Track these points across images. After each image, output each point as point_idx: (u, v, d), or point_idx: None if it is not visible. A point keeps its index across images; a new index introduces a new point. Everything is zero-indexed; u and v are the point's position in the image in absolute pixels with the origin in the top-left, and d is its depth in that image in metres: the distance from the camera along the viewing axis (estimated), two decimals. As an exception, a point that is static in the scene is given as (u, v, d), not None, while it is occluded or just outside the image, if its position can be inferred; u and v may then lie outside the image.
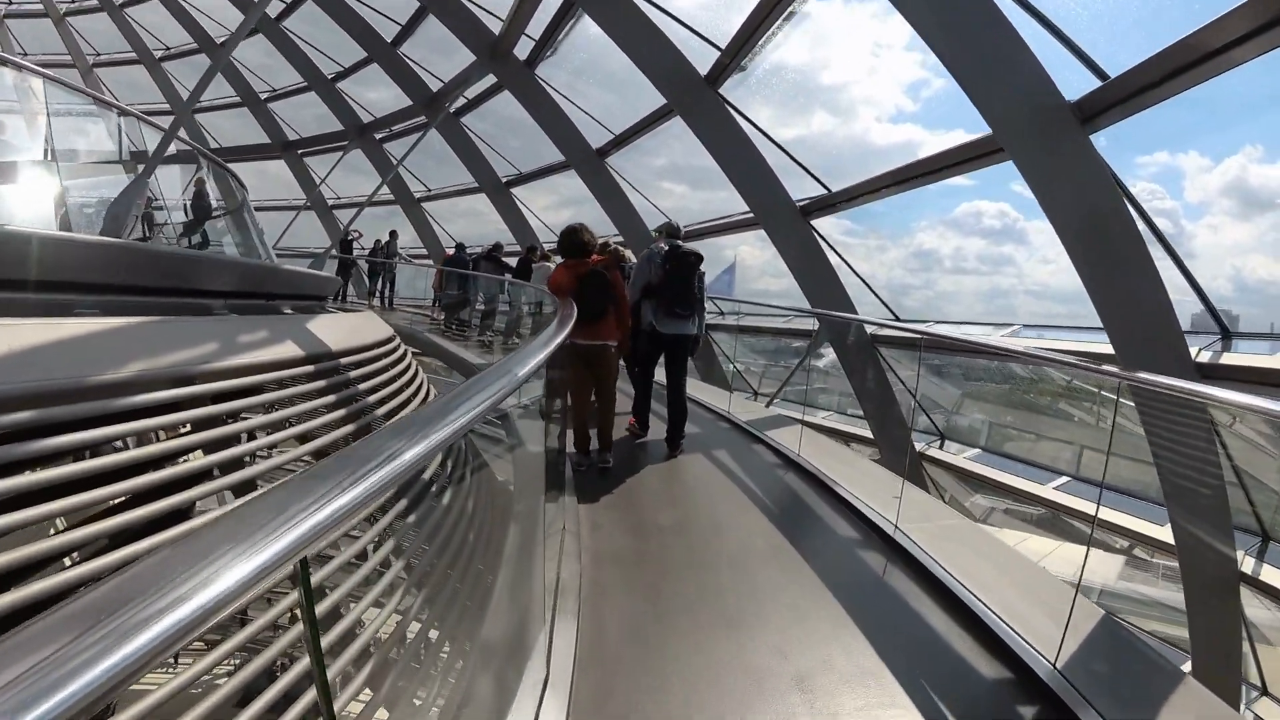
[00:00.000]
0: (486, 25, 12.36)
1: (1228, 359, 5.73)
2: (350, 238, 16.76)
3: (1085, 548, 9.43)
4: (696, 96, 9.68)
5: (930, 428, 10.89)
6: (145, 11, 19.80)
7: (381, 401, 4.53)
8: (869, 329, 8.82)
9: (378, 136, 18.12)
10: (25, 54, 22.82)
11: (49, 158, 5.80)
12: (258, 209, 21.68)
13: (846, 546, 4.03)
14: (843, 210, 8.90)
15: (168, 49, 20.35)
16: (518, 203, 16.27)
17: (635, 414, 5.88)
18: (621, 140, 12.49)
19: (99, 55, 22.52)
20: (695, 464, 5.37)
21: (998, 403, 11.57)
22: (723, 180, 9.87)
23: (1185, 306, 5.96)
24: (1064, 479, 9.68)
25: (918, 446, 10.44)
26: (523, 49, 12.34)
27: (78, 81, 20.75)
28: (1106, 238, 5.61)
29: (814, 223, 9.44)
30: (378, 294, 16.09)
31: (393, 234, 16.38)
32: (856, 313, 9.15)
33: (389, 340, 5.73)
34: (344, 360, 4.59)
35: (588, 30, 11.49)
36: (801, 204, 9.34)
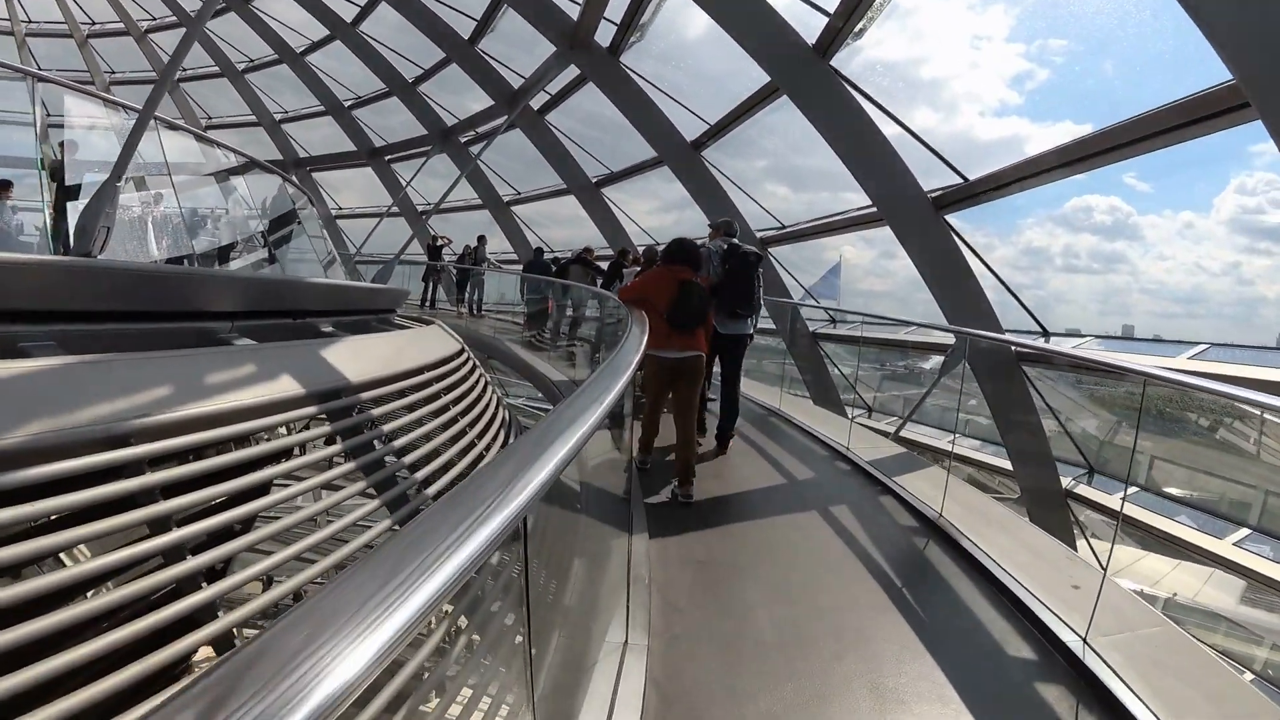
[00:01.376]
0: (564, 11, 11.50)
1: None
2: (439, 243, 16.39)
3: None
4: (805, 70, 8.38)
5: (1076, 458, 9.23)
6: (225, 25, 19.85)
7: (422, 441, 3.59)
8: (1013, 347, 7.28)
9: (462, 140, 17.73)
10: (112, 72, 23.88)
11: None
12: (348, 216, 21.88)
13: (1023, 677, 2.80)
14: (984, 202, 7.37)
15: (251, 61, 20.59)
16: (610, 204, 15.38)
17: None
18: (718, 130, 11.27)
19: (184, 71, 22.74)
20: (811, 528, 4.22)
21: (1150, 429, 9.69)
22: (824, 181, 8.72)
23: None
24: (1244, 532, 7.80)
25: (1064, 482, 8.87)
26: (604, 35, 11.37)
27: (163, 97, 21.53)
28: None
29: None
30: (466, 301, 15.59)
31: (481, 239, 15.90)
32: (999, 324, 7.63)
33: (448, 360, 4.76)
34: (369, 394, 3.62)
35: (674, 6, 10.41)
36: (934, 195, 7.93)
